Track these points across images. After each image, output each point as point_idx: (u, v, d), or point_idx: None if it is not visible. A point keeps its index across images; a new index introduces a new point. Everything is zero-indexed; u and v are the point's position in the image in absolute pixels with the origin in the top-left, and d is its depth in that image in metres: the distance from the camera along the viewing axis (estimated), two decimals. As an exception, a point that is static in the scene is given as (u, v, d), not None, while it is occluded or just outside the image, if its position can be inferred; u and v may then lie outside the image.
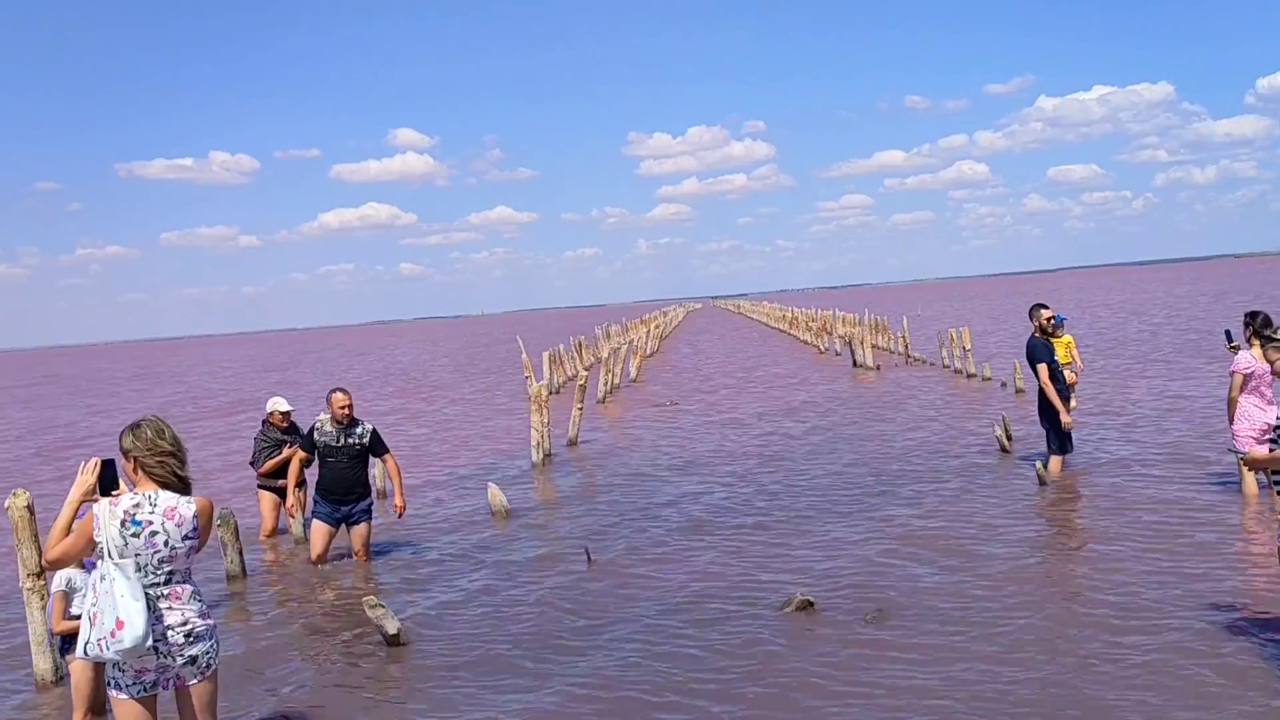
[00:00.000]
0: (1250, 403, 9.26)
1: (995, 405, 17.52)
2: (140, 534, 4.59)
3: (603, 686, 6.26)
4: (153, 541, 4.60)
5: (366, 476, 9.72)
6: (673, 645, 6.88)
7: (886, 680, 6.01)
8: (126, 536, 4.59)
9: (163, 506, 4.64)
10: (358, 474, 9.56)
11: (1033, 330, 11.68)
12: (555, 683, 6.38)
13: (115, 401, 40.88)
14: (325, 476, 9.53)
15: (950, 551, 8.63)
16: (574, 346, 35.21)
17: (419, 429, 21.73)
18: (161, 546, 4.61)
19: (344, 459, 9.44)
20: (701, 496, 11.89)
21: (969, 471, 12.11)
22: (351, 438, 9.48)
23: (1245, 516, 9.14)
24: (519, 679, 6.49)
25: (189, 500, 4.71)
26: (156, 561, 4.61)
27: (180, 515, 4.66)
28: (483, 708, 6.08)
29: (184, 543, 4.66)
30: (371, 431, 9.65)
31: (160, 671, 4.63)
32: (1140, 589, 7.29)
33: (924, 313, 62.64)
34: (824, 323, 41.09)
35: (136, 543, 4.58)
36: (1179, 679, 5.68)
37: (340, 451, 9.44)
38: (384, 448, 9.75)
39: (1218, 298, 56.33)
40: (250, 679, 6.93)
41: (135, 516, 4.62)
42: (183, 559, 4.68)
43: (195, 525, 4.69)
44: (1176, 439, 13.14)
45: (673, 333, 67.53)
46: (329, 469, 9.48)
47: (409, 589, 8.81)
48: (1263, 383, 9.20)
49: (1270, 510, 8.99)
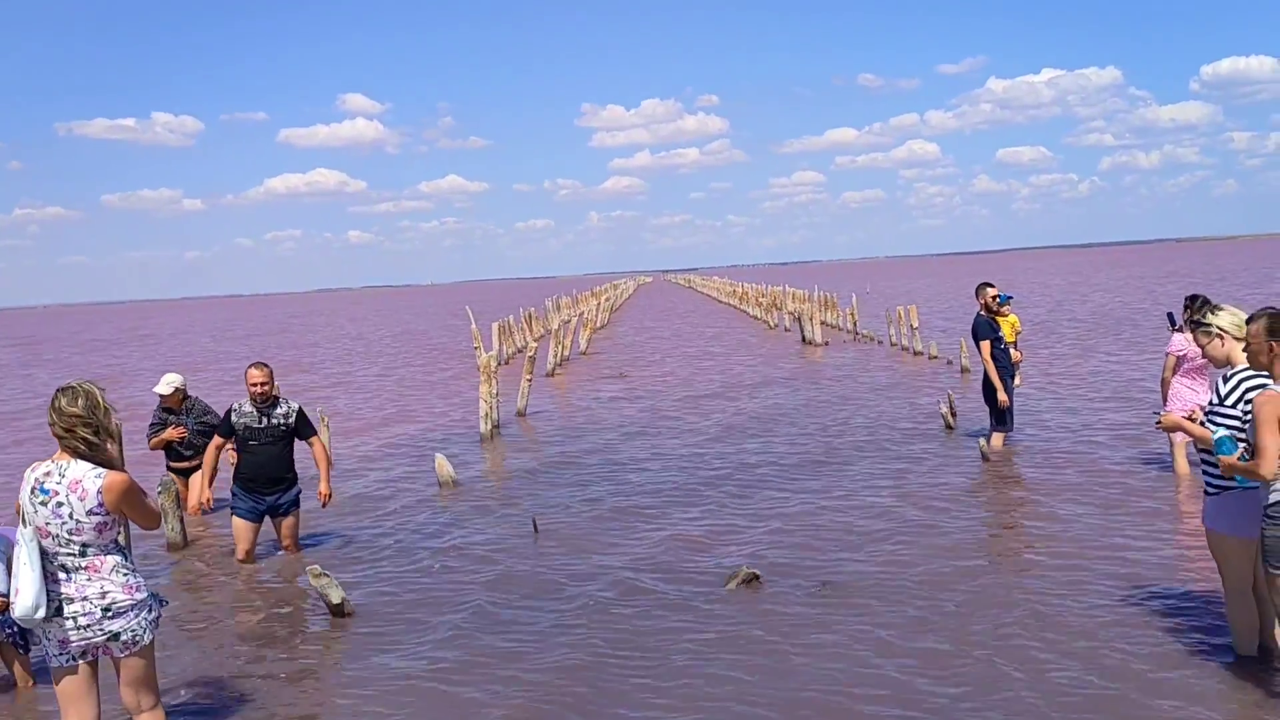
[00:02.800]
0: (1183, 384, 9.46)
1: (941, 382, 17.74)
2: (48, 503, 4.50)
3: (546, 658, 6.27)
4: (59, 512, 4.49)
5: (292, 461, 8.83)
6: (618, 617, 6.90)
7: (831, 652, 6.08)
8: (35, 504, 4.53)
9: (70, 478, 4.50)
10: (283, 459, 8.69)
11: (979, 308, 11.86)
12: (499, 653, 6.38)
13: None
14: (246, 463, 8.67)
15: (894, 525, 8.75)
16: (524, 318, 35.06)
17: (365, 398, 21.55)
18: (67, 518, 4.48)
19: (267, 442, 8.57)
20: (649, 469, 11.92)
21: (914, 447, 12.26)
22: (274, 419, 8.60)
23: (1179, 494, 9.38)
24: (463, 649, 6.47)
25: (98, 474, 4.52)
26: (66, 533, 4.50)
27: (84, 489, 4.49)
28: (426, 678, 6.06)
29: (89, 517, 4.49)
30: (297, 411, 8.78)
31: (83, 643, 4.54)
32: (1074, 560, 7.45)
33: (870, 291, 63.14)
34: (774, 298, 41.28)
35: (45, 511, 4.50)
36: (1107, 649, 5.82)
37: (262, 434, 8.56)
38: (311, 429, 8.87)
39: (1161, 280, 57.47)
40: (189, 648, 6.85)
41: (44, 485, 4.53)
42: (92, 533, 4.51)
43: (100, 501, 4.49)
44: (1116, 418, 13.40)
45: (623, 305, 67.49)
46: (250, 455, 8.62)
47: (353, 559, 8.75)
48: (1194, 366, 9.40)
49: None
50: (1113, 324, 29.49)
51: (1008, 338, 11.88)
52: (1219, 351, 5.69)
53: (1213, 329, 5.72)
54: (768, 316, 38.97)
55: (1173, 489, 9.56)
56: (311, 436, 8.84)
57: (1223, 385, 5.51)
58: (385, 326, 59.07)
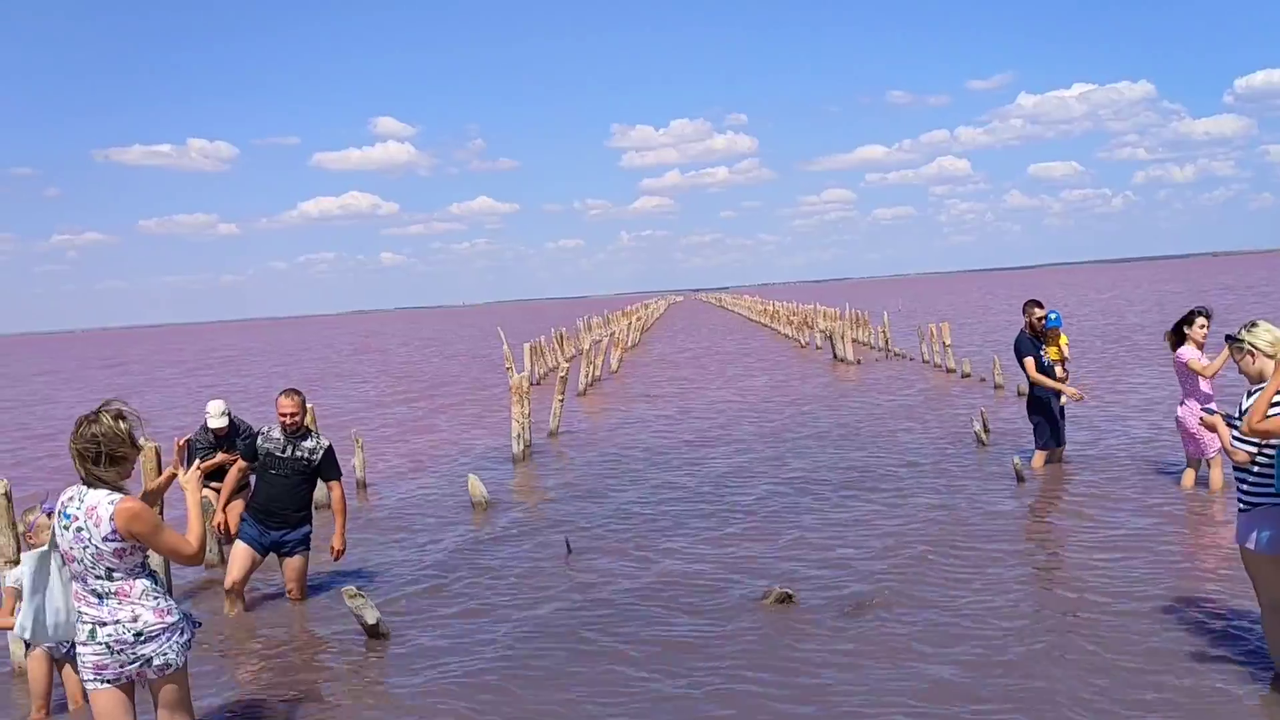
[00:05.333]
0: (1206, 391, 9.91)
1: (974, 400, 17.62)
2: (69, 528, 4.52)
3: (582, 677, 6.27)
4: (80, 538, 4.49)
5: (309, 502, 8.32)
6: (651, 637, 6.90)
7: (864, 673, 6.05)
8: (60, 529, 4.56)
9: (87, 504, 4.50)
10: (298, 495, 8.16)
11: (1023, 326, 11.71)
12: (536, 674, 6.39)
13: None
14: (261, 491, 8.19)
15: (928, 545, 8.69)
16: (555, 338, 35.18)
17: (399, 417, 21.69)
18: (88, 543, 4.47)
19: (286, 474, 8.04)
20: (681, 488, 11.92)
21: (947, 465, 12.18)
22: (300, 451, 8.07)
23: (1212, 509, 9.28)
24: (500, 671, 6.49)
25: (112, 500, 4.47)
26: (90, 558, 4.50)
27: (98, 515, 4.46)
28: (463, 699, 6.09)
29: (105, 543, 4.45)
30: (325, 449, 8.22)
31: (118, 669, 4.56)
32: (1110, 577, 7.37)
33: (902, 308, 62.86)
34: (805, 317, 41.19)
35: (69, 536, 4.51)
36: (1144, 668, 5.76)
37: (284, 464, 8.05)
38: (335, 472, 8.31)
39: (1194, 297, 56.80)
40: (223, 669, 6.91)
41: (66, 510, 4.55)
42: (113, 558, 4.49)
43: (113, 527, 4.44)
44: (1154, 434, 13.25)
45: (654, 325, 67.54)
46: (268, 483, 8.11)
47: (386, 580, 8.80)
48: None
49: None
50: (1148, 339, 29.16)
51: (1052, 356, 11.78)
52: (1252, 368, 5.74)
53: (1245, 345, 5.76)
54: (799, 335, 38.87)
55: (1210, 504, 9.46)
56: (334, 480, 8.30)
57: (1245, 400, 5.56)
58: (418, 346, 59.42)
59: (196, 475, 4.84)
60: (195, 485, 4.80)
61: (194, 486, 4.78)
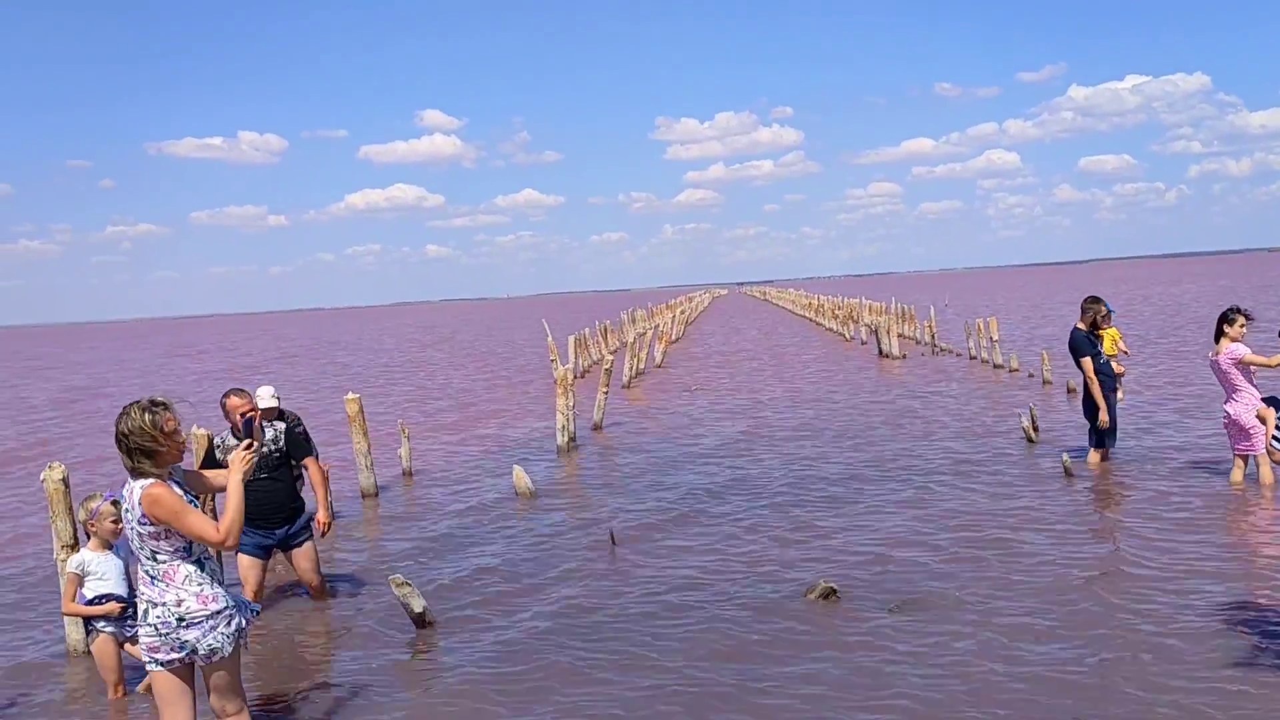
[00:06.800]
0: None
1: (1022, 396, 17.41)
2: (125, 513, 4.74)
3: (629, 668, 6.29)
4: (128, 520, 4.71)
5: (296, 487, 7.93)
6: (697, 630, 6.90)
7: (907, 670, 6.01)
8: (122, 513, 4.84)
9: (130, 491, 4.69)
10: (286, 487, 7.75)
11: (1079, 322, 11.46)
12: (581, 665, 6.41)
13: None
14: (248, 499, 7.75)
15: (974, 542, 8.60)
16: (599, 331, 35.23)
17: (444, 409, 21.84)
18: (133, 526, 4.68)
19: (265, 473, 7.48)
20: (725, 481, 11.89)
21: (994, 462, 12.05)
22: (265, 445, 7.49)
23: (1264, 506, 9.10)
24: (545, 661, 6.52)
25: (142, 486, 4.61)
26: (138, 541, 4.68)
27: (132, 501, 4.65)
28: (510, 688, 6.12)
29: (141, 526, 4.63)
30: (288, 429, 7.80)
31: (168, 651, 4.66)
32: (1160, 576, 7.25)
33: (949, 303, 62.22)
34: (850, 311, 40.90)
35: (127, 520, 4.73)
36: (1202, 672, 5.66)
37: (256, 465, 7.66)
38: (306, 448, 7.88)
39: (1262, 290, 55.67)
40: (272, 655, 7.01)
41: (122, 496, 4.81)
42: (152, 542, 4.63)
43: (142, 512, 4.60)
44: (1208, 432, 13.01)
45: (698, 318, 67.44)
46: (251, 490, 7.47)
47: (432, 569, 8.87)
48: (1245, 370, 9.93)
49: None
50: (1208, 335, 28.63)
51: (1108, 351, 11.57)
52: None
53: None
54: (844, 329, 38.62)
55: (1260, 500, 9.29)
56: (306, 457, 7.85)
57: None
58: (464, 338, 59.80)
59: (242, 456, 4.86)
60: (240, 465, 4.82)
61: (239, 466, 4.81)
